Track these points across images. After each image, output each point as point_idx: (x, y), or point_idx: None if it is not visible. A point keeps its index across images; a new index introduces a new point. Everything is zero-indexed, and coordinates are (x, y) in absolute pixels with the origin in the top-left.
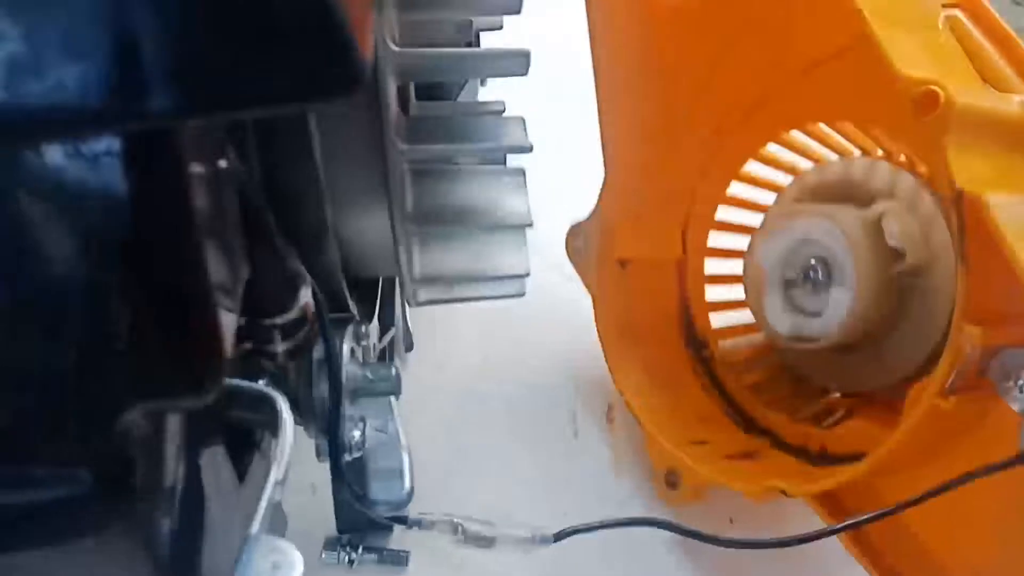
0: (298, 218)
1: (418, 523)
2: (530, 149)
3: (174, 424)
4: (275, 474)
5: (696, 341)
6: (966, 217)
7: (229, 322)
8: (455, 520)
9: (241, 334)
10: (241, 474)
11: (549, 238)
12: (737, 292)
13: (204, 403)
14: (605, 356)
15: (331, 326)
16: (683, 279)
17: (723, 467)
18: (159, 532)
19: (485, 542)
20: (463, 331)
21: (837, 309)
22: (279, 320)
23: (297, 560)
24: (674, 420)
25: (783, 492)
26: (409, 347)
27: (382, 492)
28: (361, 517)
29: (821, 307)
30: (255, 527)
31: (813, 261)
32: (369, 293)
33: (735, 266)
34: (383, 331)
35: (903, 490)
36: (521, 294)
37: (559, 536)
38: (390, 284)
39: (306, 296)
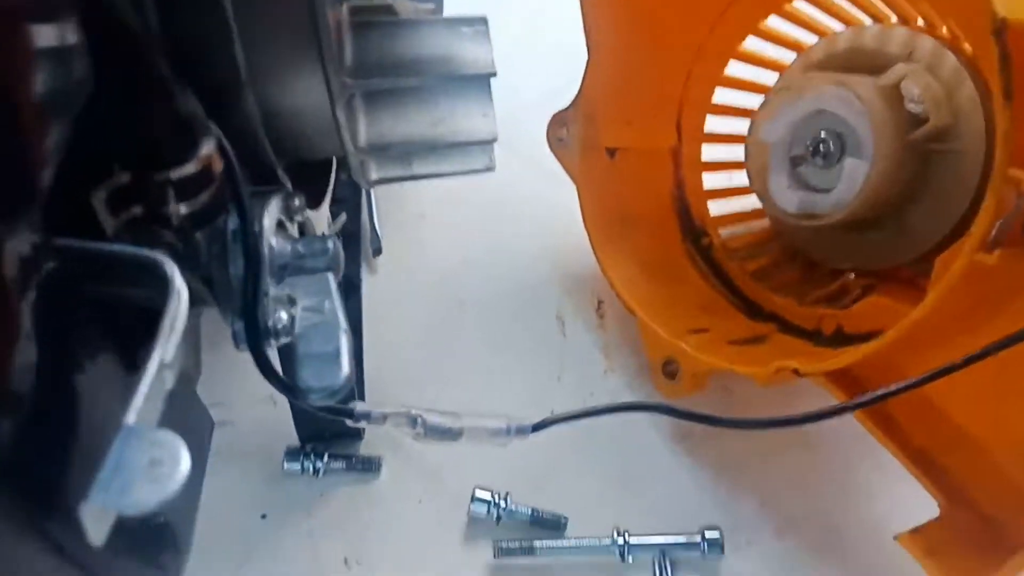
0: (204, 66)
1: (366, 415)
2: None
3: (14, 295)
4: (160, 353)
5: (694, 230)
6: (1010, 47)
7: (58, 130)
8: (412, 412)
9: (126, 195)
10: (134, 363)
11: (527, 134)
12: (738, 179)
13: (10, 230)
14: (593, 249)
15: (247, 190)
16: (678, 166)
17: (727, 352)
18: None
19: (450, 435)
20: (437, 233)
21: (852, 181)
22: (173, 175)
23: (182, 455)
24: (671, 310)
25: (795, 372)
26: (378, 251)
27: (315, 378)
28: (323, 426)
29: (833, 182)
30: (130, 416)
31: (824, 134)
32: (318, 176)
33: (734, 152)
34: (335, 218)
35: (932, 367)
36: (491, 168)
37: (538, 426)
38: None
39: (209, 147)
